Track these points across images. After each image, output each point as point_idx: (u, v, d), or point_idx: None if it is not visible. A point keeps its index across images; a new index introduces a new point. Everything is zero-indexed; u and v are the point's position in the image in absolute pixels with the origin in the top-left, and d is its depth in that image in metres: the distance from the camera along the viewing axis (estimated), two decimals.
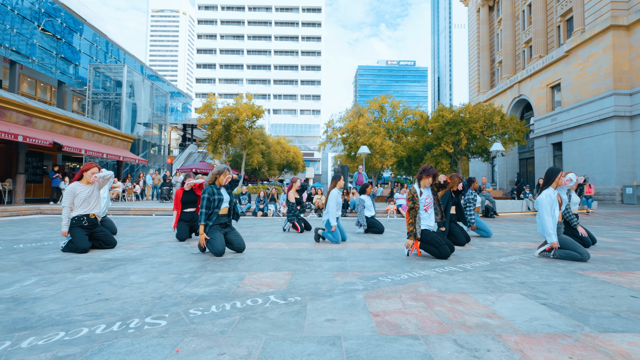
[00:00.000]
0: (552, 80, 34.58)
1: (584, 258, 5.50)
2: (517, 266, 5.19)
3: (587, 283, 4.18)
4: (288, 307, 3.26)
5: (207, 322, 2.86)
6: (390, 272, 4.77)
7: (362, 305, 3.30)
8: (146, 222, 12.65)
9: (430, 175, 5.93)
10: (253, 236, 8.72)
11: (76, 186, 6.46)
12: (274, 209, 16.09)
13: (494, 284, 4.16)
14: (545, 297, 3.57)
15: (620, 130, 27.02)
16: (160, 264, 5.28)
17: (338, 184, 8.16)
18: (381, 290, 3.84)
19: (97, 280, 4.24)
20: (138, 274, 4.59)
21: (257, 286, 4.01)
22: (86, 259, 5.64)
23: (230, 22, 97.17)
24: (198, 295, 3.64)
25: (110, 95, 32.97)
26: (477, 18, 51.84)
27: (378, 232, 9.55)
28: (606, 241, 7.95)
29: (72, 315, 3.02)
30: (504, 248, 6.99)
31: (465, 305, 3.33)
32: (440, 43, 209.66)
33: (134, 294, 3.67)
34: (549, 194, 5.76)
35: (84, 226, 6.42)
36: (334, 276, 4.53)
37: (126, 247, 6.88)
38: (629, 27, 27.28)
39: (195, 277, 4.42)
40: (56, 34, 27.33)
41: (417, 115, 31.47)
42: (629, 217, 15.06)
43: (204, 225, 6.08)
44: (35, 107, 19.02)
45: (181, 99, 55.04)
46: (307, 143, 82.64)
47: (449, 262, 5.52)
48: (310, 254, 6.21)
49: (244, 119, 25.60)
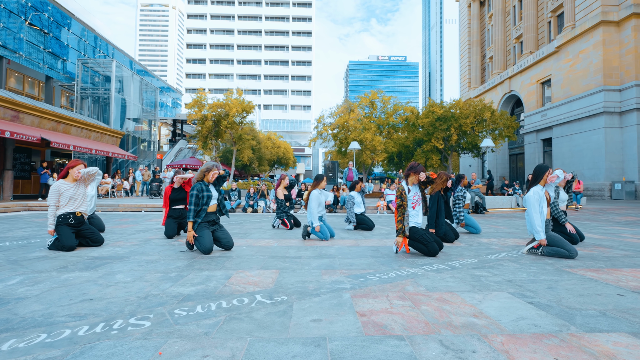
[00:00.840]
0: (542, 76, 34.73)
1: (571, 255, 5.52)
2: (505, 263, 5.20)
3: (574, 281, 4.19)
4: (274, 307, 3.23)
5: (192, 323, 2.83)
6: (378, 270, 4.76)
7: (348, 305, 3.28)
8: (135, 218, 12.56)
9: (418, 172, 5.92)
10: (242, 233, 8.67)
11: (61, 184, 6.38)
12: (263, 205, 16.05)
13: (482, 282, 4.16)
14: (532, 296, 3.57)
15: (609, 126, 27.22)
16: (147, 262, 5.23)
17: (320, 185, 8.15)
18: (369, 289, 3.83)
19: (82, 280, 4.19)
20: (124, 273, 4.54)
21: (244, 285, 3.98)
22: (72, 257, 5.57)
23: (220, 16, 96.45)
24: (184, 294, 3.60)
25: (98, 90, 32.69)
26: (468, 13, 51.93)
27: (368, 228, 9.55)
28: (594, 237, 8.01)
29: (55, 316, 2.98)
30: (492, 245, 7.01)
31: (452, 304, 3.32)
32: (431, 38, 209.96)
33: (119, 294, 3.62)
34: (536, 191, 5.78)
35: (70, 224, 6.34)
36: (321, 274, 4.51)
37: (113, 244, 6.82)
38: (619, 23, 27.44)
39: (182, 276, 4.38)
40: (43, 29, 27.05)
41: (408, 110, 31.47)
42: (617, 213, 15.19)
43: (192, 222, 6.03)
44: (23, 103, 18.78)
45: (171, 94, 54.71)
46: (298, 139, 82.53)
47: (437, 259, 5.52)
48: (299, 252, 6.19)
49: (234, 115, 25.41)
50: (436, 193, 7.44)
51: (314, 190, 8.05)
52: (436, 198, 7.38)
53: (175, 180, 8.13)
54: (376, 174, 59.98)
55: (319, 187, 8.12)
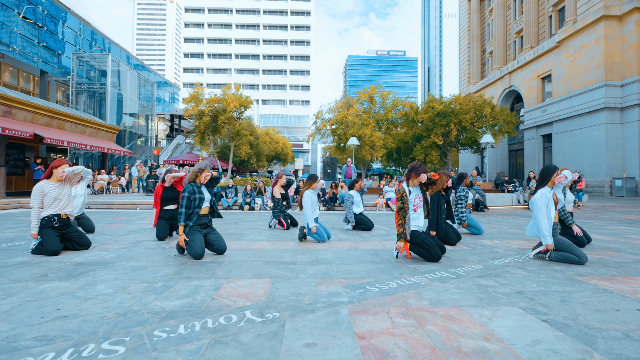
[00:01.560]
0: (543, 71, 34.43)
1: (581, 261, 5.24)
2: (512, 271, 4.91)
3: (588, 293, 3.90)
4: (265, 327, 2.93)
5: (171, 349, 2.53)
6: (378, 279, 4.47)
7: (346, 324, 2.98)
8: (129, 217, 12.26)
9: (419, 174, 5.61)
10: (237, 234, 8.39)
11: (45, 184, 6.06)
12: (261, 203, 15.75)
13: (490, 294, 3.86)
14: (545, 312, 3.28)
15: (610, 122, 26.97)
16: (134, 269, 4.93)
17: (312, 185, 7.82)
18: (368, 303, 3.53)
19: (60, 291, 3.89)
20: (107, 283, 4.24)
21: (234, 298, 3.68)
22: (55, 263, 5.27)
23: (218, 10, 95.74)
24: (167, 310, 3.30)
25: (94, 85, 32.27)
26: (468, 7, 51.51)
27: (366, 229, 9.27)
28: (600, 239, 7.74)
29: (21, 339, 2.67)
30: (496, 248, 6.73)
31: (460, 323, 3.03)
32: (430, 33, 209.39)
33: (97, 309, 3.32)
34: (544, 193, 5.49)
35: (54, 227, 6.03)
36: (317, 285, 4.21)
37: (101, 247, 6.52)
38: (622, 17, 27.12)
39: (168, 287, 4.08)
40: (37, 22, 26.57)
41: (407, 106, 31.21)
42: (620, 211, 14.95)
43: (183, 225, 5.74)
44: (15, 98, 18.42)
45: (168, 89, 54.27)
46: (296, 134, 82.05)
47: (440, 265, 5.23)
48: (295, 256, 5.90)
49: (231, 110, 25.05)
50: (436, 193, 7.16)
51: (307, 190, 7.74)
52: (436, 198, 7.11)
53: (166, 178, 7.80)
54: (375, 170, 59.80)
55: (312, 187, 7.80)
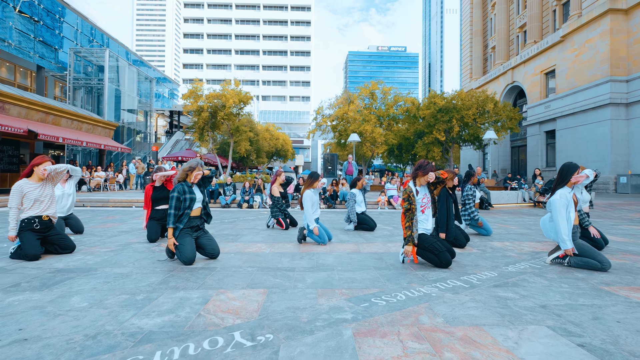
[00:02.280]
0: (546, 66, 33.89)
1: (604, 267, 4.81)
2: (530, 279, 4.49)
3: (621, 307, 3.47)
4: (255, 355, 2.49)
5: None
6: (384, 290, 4.04)
7: (350, 350, 2.55)
8: (123, 215, 11.85)
9: (427, 173, 5.15)
10: (233, 234, 7.97)
11: (24, 184, 5.61)
12: (259, 201, 15.34)
13: (510, 308, 3.43)
14: (579, 333, 2.85)
15: (615, 118, 26.47)
16: (116, 276, 4.52)
17: (314, 185, 7.39)
18: (375, 321, 3.10)
19: (29, 305, 3.46)
20: (83, 295, 3.81)
21: (222, 315, 3.25)
22: (33, 269, 4.86)
23: (217, 5, 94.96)
24: (145, 331, 2.88)
25: (92, 80, 31.86)
26: (471, 2, 50.89)
27: (369, 229, 8.86)
28: (616, 240, 7.32)
29: None
30: (508, 251, 6.30)
31: (483, 348, 2.59)
32: (431, 28, 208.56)
33: (64, 330, 2.90)
34: (564, 194, 5.03)
35: (35, 229, 5.61)
36: (317, 296, 3.78)
37: (86, 251, 6.10)
38: (628, 11, 26.57)
39: (151, 299, 3.65)
40: (34, 16, 26.12)
41: (409, 102, 30.73)
42: (628, 209, 14.53)
43: (172, 228, 5.33)
44: (8, 93, 18.01)
45: (168, 84, 53.86)
46: (297, 130, 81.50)
47: (451, 272, 4.80)
48: (293, 261, 5.47)
49: (231, 106, 24.63)
50: (444, 193, 6.70)
51: (307, 190, 7.31)
52: (444, 198, 6.63)
53: (156, 178, 7.36)
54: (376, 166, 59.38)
55: (313, 187, 7.37)
